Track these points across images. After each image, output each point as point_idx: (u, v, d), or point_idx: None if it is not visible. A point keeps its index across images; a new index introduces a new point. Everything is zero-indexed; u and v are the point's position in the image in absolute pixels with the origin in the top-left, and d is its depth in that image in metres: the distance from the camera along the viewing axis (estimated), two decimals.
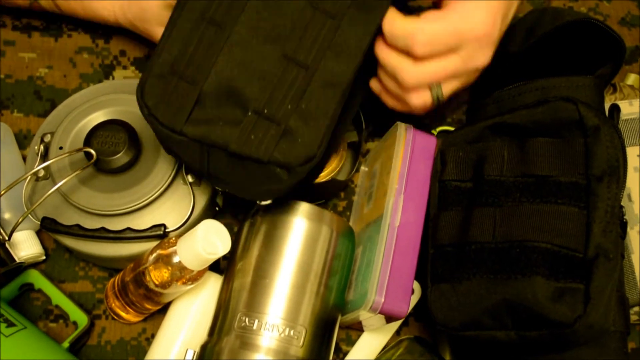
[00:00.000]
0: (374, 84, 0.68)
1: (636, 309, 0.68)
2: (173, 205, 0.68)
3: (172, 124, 0.59)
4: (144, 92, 0.59)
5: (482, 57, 0.64)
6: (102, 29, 0.82)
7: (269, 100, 0.59)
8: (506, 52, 0.71)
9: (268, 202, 0.66)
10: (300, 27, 0.60)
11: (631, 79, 0.81)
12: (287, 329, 0.61)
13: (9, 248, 0.70)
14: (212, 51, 0.59)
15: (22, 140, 0.78)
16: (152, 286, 0.63)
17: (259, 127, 0.58)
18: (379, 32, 0.62)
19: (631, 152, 0.70)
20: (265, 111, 0.58)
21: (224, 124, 0.59)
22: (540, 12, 0.70)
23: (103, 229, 0.67)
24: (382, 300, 0.62)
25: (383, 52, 0.63)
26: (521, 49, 0.69)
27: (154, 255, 0.63)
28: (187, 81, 0.59)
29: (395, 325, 0.73)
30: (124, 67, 0.82)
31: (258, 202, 0.67)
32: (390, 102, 0.68)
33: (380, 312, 0.62)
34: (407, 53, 0.62)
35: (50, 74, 0.81)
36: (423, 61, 0.62)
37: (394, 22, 0.61)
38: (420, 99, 0.64)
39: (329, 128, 0.59)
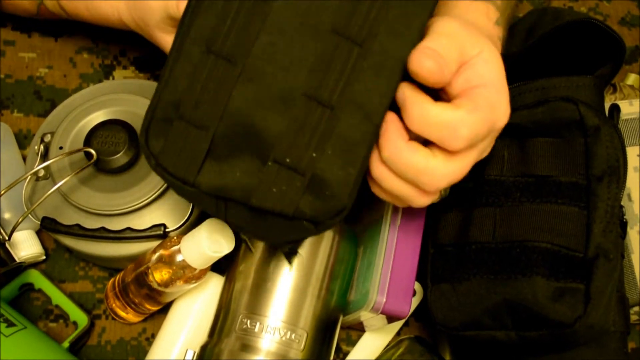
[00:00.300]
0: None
1: (636, 308, 0.68)
2: (173, 205, 0.68)
3: (184, 175, 0.52)
4: (149, 138, 0.52)
5: (489, 148, 0.56)
6: (102, 29, 0.82)
7: (291, 147, 0.51)
8: (506, 52, 0.71)
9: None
10: (323, 60, 0.51)
11: (631, 79, 0.81)
12: (288, 333, 0.61)
13: (9, 248, 0.70)
14: (223, 90, 0.51)
15: (22, 140, 0.78)
16: (155, 285, 0.63)
17: (281, 179, 0.51)
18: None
19: (631, 152, 0.70)
20: (288, 160, 0.51)
21: (241, 175, 0.52)
22: (540, 12, 0.70)
23: (103, 228, 0.66)
24: (384, 300, 0.61)
25: (405, 152, 0.51)
26: (521, 49, 0.69)
27: (157, 255, 0.63)
28: (197, 126, 0.51)
29: (397, 325, 0.73)
30: (124, 67, 0.82)
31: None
32: (381, 195, 0.57)
33: (381, 313, 0.62)
34: (438, 146, 0.52)
35: (50, 74, 0.81)
36: (454, 158, 0.52)
37: (428, 109, 0.50)
38: (429, 201, 0.55)
39: (360, 175, 0.51)
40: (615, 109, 0.69)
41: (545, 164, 0.62)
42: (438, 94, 0.53)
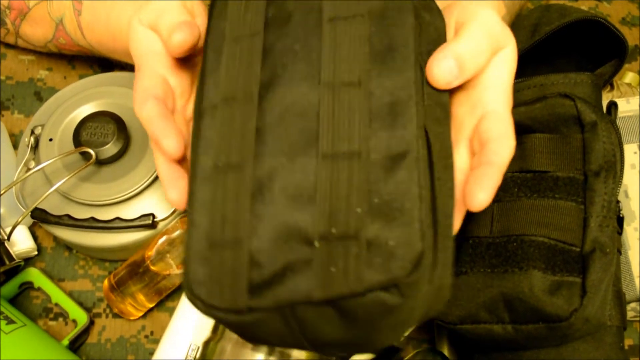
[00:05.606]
0: None
1: (633, 305, 0.68)
2: (162, 195, 0.69)
3: (234, 304, 0.43)
4: (191, 284, 0.44)
5: None
6: None
7: (332, 217, 0.43)
8: None
9: None
10: (326, 118, 0.45)
11: (629, 77, 0.81)
12: None
13: (7, 247, 0.70)
14: (241, 201, 0.45)
15: None
16: (166, 271, 0.64)
17: (335, 255, 0.42)
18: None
19: (628, 149, 0.70)
20: (333, 231, 0.43)
21: (293, 274, 0.43)
22: (544, 9, 0.70)
23: (92, 218, 0.67)
24: None
25: None
26: (525, 45, 0.69)
27: (163, 239, 0.65)
28: (230, 247, 0.44)
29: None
30: (122, 68, 0.82)
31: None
32: None
33: None
34: None
35: (50, 76, 0.82)
36: None
37: None
38: None
39: (421, 210, 0.42)
40: (613, 105, 0.69)
41: (542, 160, 0.62)
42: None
